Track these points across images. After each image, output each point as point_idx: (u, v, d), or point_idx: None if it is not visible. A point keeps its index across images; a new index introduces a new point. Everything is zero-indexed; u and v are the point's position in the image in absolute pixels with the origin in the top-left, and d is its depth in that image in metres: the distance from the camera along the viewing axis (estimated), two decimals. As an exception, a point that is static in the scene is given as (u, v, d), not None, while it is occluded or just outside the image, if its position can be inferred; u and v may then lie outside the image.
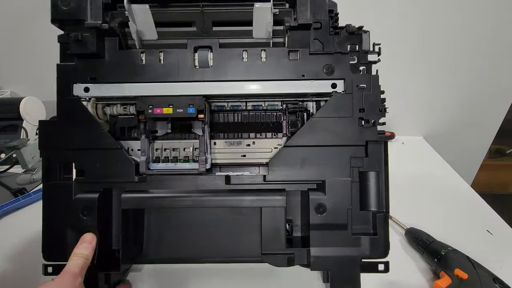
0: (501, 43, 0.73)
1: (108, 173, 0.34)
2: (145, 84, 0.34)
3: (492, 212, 0.56)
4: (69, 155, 0.34)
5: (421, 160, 0.76)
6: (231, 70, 0.34)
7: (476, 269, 0.38)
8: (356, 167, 0.34)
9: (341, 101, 0.34)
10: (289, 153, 0.34)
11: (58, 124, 0.34)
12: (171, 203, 0.35)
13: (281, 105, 0.38)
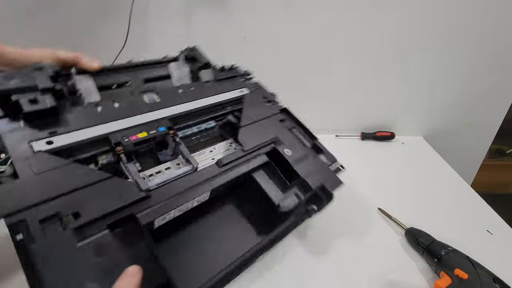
0: (501, 43, 0.73)
1: (109, 203, 0.31)
2: (109, 123, 0.36)
3: (492, 212, 0.56)
4: (51, 206, 0.28)
5: (421, 160, 0.76)
6: (174, 99, 0.44)
7: (476, 269, 0.38)
8: (284, 127, 0.50)
9: (251, 97, 0.51)
10: (246, 130, 0.45)
11: (25, 182, 0.29)
12: (186, 199, 0.35)
13: (215, 123, 0.48)
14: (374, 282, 0.42)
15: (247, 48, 0.75)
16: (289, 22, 0.72)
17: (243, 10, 0.71)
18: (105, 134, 0.35)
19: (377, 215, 0.55)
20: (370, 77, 0.79)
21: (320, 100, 0.82)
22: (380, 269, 0.44)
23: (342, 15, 0.71)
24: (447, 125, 0.85)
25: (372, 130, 0.84)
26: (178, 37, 0.75)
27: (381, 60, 0.76)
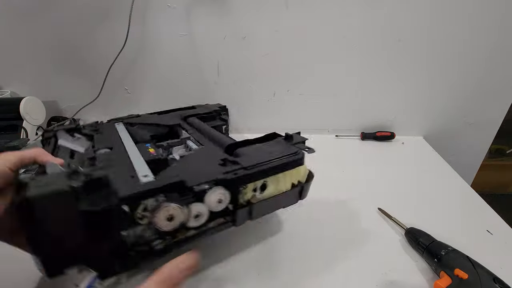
0: (501, 43, 0.73)
1: None
2: None
3: (492, 212, 0.56)
4: None
5: (421, 160, 0.76)
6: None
7: (476, 269, 0.38)
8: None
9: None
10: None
11: None
12: None
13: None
14: (374, 282, 0.42)
15: (247, 48, 0.76)
16: (289, 22, 0.72)
17: (243, 10, 0.71)
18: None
19: (377, 215, 0.55)
20: (370, 77, 0.79)
21: (320, 100, 0.82)
22: (380, 269, 0.44)
23: (342, 15, 0.71)
24: (447, 125, 0.85)
25: (372, 130, 0.84)
26: (178, 37, 0.75)
27: (381, 60, 0.76)
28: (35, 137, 0.74)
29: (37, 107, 0.76)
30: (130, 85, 0.82)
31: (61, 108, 0.86)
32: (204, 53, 0.77)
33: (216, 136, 0.53)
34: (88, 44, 0.76)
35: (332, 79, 0.79)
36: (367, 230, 0.52)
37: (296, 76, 0.79)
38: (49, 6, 0.71)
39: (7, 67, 0.79)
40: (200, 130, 0.58)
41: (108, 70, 0.75)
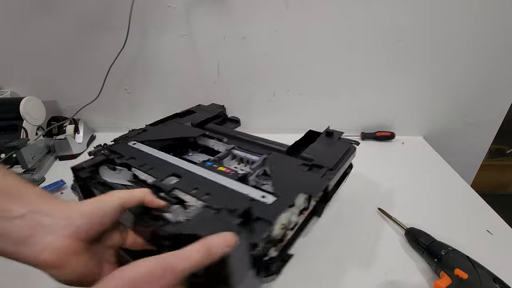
0: (501, 42, 0.73)
1: None
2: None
3: (492, 212, 0.56)
4: None
5: (421, 160, 0.76)
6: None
7: (476, 269, 0.38)
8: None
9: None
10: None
11: None
12: None
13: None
14: (374, 282, 0.42)
15: (247, 48, 0.76)
16: (289, 22, 0.72)
17: (243, 10, 0.71)
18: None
19: (377, 215, 0.55)
20: (370, 77, 0.79)
21: (320, 100, 0.82)
22: (380, 269, 0.44)
23: (342, 15, 0.71)
24: (447, 125, 0.85)
25: (372, 130, 0.84)
26: (178, 37, 0.75)
27: (381, 60, 0.76)
28: (35, 137, 0.74)
29: (37, 107, 0.76)
30: (130, 85, 0.82)
31: (61, 108, 0.86)
32: (204, 53, 0.77)
33: (257, 140, 0.56)
34: (88, 44, 0.76)
35: (332, 79, 0.79)
36: (367, 230, 0.52)
37: (296, 76, 0.79)
38: (49, 6, 0.71)
39: (7, 67, 0.79)
40: (231, 136, 0.57)
41: (108, 70, 0.75)
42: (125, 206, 0.30)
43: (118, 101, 0.84)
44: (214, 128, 0.63)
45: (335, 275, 0.44)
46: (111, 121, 0.88)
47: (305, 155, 0.49)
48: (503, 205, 0.68)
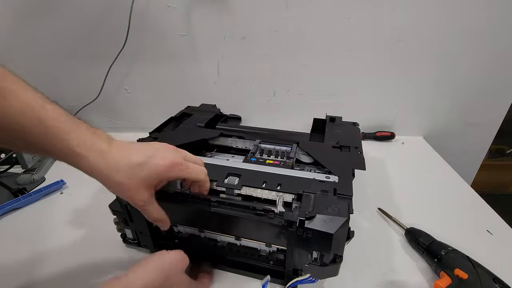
0: (501, 43, 0.73)
1: None
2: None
3: (492, 212, 0.56)
4: None
5: (421, 160, 0.76)
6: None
7: (476, 269, 0.38)
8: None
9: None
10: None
11: None
12: None
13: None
14: (374, 282, 0.42)
15: (247, 48, 0.75)
16: (289, 22, 0.72)
17: (243, 10, 0.71)
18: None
19: (377, 215, 0.55)
20: (370, 77, 0.79)
21: (320, 100, 0.82)
22: (380, 269, 0.44)
23: (342, 14, 0.71)
24: (447, 125, 0.85)
25: (372, 130, 0.84)
26: (178, 37, 0.75)
27: (381, 60, 0.76)
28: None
29: (37, 107, 0.76)
30: (130, 85, 0.82)
31: (61, 108, 0.86)
32: (204, 53, 0.77)
33: (274, 132, 0.61)
34: (88, 44, 0.76)
35: (332, 79, 0.79)
36: (367, 230, 0.52)
37: (296, 76, 0.79)
38: (49, 6, 0.71)
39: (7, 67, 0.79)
40: (248, 132, 0.59)
41: (108, 70, 0.75)
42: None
43: (118, 101, 0.84)
44: (227, 127, 0.63)
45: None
46: (111, 121, 0.88)
47: (329, 140, 0.55)
48: (503, 205, 0.68)
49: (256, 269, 0.42)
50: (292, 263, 0.39)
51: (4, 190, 0.61)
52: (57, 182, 0.62)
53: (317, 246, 0.36)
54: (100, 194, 0.61)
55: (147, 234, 0.44)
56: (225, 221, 0.39)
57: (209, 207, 0.38)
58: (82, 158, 0.32)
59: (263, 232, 0.39)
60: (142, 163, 0.33)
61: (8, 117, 0.30)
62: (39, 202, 0.59)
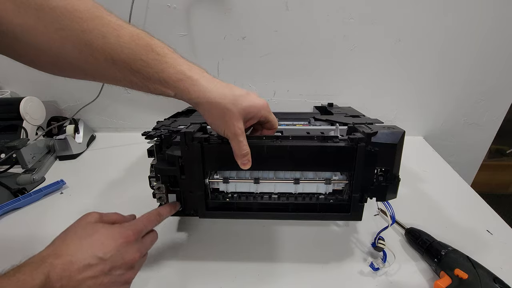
0: (501, 42, 0.73)
1: None
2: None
3: (492, 212, 0.56)
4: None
5: (421, 160, 0.76)
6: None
7: (476, 269, 0.38)
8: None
9: None
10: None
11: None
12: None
13: None
14: (374, 282, 0.42)
15: (247, 48, 0.76)
16: (289, 22, 0.72)
17: (243, 10, 0.71)
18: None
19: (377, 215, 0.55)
20: (370, 77, 0.79)
21: (320, 100, 0.82)
22: (380, 269, 0.44)
23: (342, 14, 0.71)
24: (447, 125, 0.85)
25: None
26: (178, 37, 0.75)
27: (381, 60, 0.76)
28: (35, 137, 0.74)
29: (37, 107, 0.76)
30: (130, 85, 0.82)
31: (61, 108, 0.86)
32: (204, 53, 0.77)
33: (286, 113, 0.70)
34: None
35: (332, 79, 0.79)
36: (367, 230, 0.52)
37: (296, 76, 0.79)
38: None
39: (7, 67, 0.79)
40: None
41: (108, 70, 0.75)
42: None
43: (118, 101, 0.84)
44: None
45: (335, 275, 0.44)
46: (111, 121, 0.88)
47: (338, 114, 0.62)
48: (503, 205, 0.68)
49: (318, 209, 0.43)
50: (359, 187, 0.40)
51: (4, 190, 0.61)
52: (57, 182, 0.62)
53: (382, 160, 0.40)
54: (100, 194, 0.61)
55: (201, 190, 0.41)
56: (290, 156, 0.39)
57: (278, 141, 0.39)
58: (194, 82, 0.33)
59: (328, 159, 0.40)
60: (244, 95, 0.36)
61: (120, 46, 0.31)
62: (39, 202, 0.59)
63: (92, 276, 0.30)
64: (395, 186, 0.41)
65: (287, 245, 0.48)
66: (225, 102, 0.34)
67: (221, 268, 0.44)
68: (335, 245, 0.49)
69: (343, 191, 0.44)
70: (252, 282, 0.42)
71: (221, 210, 0.44)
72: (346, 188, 0.43)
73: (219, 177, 0.43)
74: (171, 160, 0.41)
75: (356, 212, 0.42)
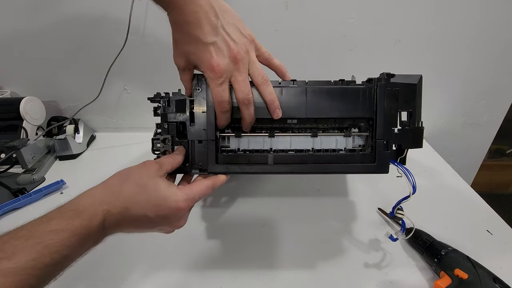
0: (501, 42, 0.73)
1: None
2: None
3: (492, 212, 0.56)
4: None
5: (421, 160, 0.76)
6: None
7: (476, 269, 0.38)
8: None
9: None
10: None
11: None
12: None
13: None
14: (374, 282, 0.42)
15: (247, 48, 0.75)
16: (289, 22, 0.72)
17: (243, 10, 0.71)
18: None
19: (377, 215, 0.55)
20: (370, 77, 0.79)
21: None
22: (380, 269, 0.44)
23: (342, 14, 0.71)
24: (447, 125, 0.85)
25: (372, 130, 0.84)
26: (178, 37, 0.74)
27: (381, 60, 0.76)
28: (35, 137, 0.74)
29: (37, 107, 0.76)
30: (130, 85, 0.82)
31: (61, 108, 0.86)
32: (204, 53, 0.77)
33: None
34: (88, 44, 0.76)
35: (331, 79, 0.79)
36: (367, 230, 0.52)
37: (296, 76, 0.79)
38: (49, 6, 0.71)
39: (7, 67, 0.79)
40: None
41: (108, 70, 0.75)
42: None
43: (118, 101, 0.84)
44: None
45: (335, 275, 0.44)
46: (111, 121, 0.88)
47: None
48: (503, 205, 0.68)
49: (340, 161, 0.40)
50: (382, 132, 0.39)
51: (4, 190, 0.61)
52: (57, 182, 0.62)
53: (404, 102, 0.40)
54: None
55: (212, 137, 0.39)
56: (308, 101, 0.39)
57: (290, 86, 0.39)
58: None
59: (348, 102, 0.39)
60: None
61: None
62: (39, 202, 0.59)
63: (136, 226, 0.33)
64: (420, 132, 0.41)
65: (287, 245, 0.48)
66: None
67: (221, 268, 0.44)
68: (335, 245, 0.49)
69: (364, 147, 0.41)
70: (252, 282, 0.42)
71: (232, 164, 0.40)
72: (367, 143, 0.41)
73: (230, 131, 0.40)
74: (180, 106, 0.39)
75: (382, 162, 0.39)
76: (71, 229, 0.27)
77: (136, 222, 0.32)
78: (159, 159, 0.36)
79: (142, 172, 0.33)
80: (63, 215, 0.28)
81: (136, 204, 0.31)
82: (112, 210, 0.30)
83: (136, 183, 0.32)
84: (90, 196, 0.31)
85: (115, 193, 0.31)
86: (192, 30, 0.34)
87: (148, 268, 0.44)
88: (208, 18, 0.34)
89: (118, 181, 0.32)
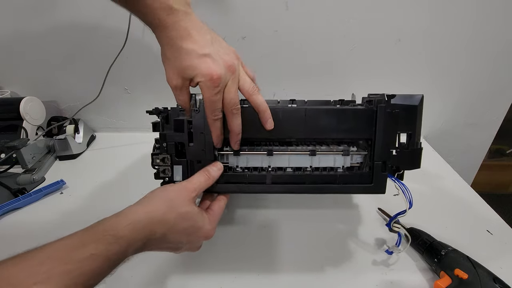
0: (501, 42, 0.73)
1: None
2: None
3: (492, 212, 0.56)
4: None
5: (422, 160, 0.76)
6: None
7: (476, 269, 0.38)
8: None
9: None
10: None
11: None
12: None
13: None
14: (374, 282, 0.42)
15: (247, 48, 0.75)
16: (289, 22, 0.72)
17: (243, 10, 0.71)
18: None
19: (377, 215, 0.55)
20: (370, 77, 0.79)
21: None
22: (380, 269, 0.44)
23: (342, 14, 0.71)
24: (447, 125, 0.85)
25: (372, 130, 0.84)
26: (178, 37, 0.74)
27: (380, 60, 0.76)
28: (35, 137, 0.74)
29: (37, 107, 0.76)
30: (130, 85, 0.82)
31: (61, 108, 0.86)
32: (204, 53, 0.77)
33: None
34: (88, 44, 0.76)
35: (332, 79, 0.79)
36: (367, 230, 0.52)
37: (296, 76, 0.79)
38: (49, 6, 0.71)
39: (7, 67, 0.79)
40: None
41: (108, 70, 0.75)
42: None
43: (118, 101, 0.84)
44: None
45: (335, 275, 0.44)
46: (111, 121, 0.88)
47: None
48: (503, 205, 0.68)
49: (338, 181, 0.40)
50: (380, 154, 0.38)
51: (4, 190, 0.61)
52: (57, 182, 0.62)
53: (404, 123, 0.40)
54: (100, 194, 0.61)
55: (211, 158, 0.39)
56: (307, 121, 0.38)
57: (288, 107, 0.38)
58: (174, 12, 0.33)
59: (347, 123, 0.39)
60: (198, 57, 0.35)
61: None
62: (39, 202, 0.59)
63: (166, 248, 0.35)
64: (418, 154, 0.41)
65: (287, 245, 0.48)
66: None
67: (221, 268, 0.44)
68: (335, 245, 0.49)
69: (362, 165, 0.41)
70: (252, 282, 0.42)
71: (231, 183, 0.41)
72: (366, 161, 0.40)
73: (228, 150, 0.41)
74: (178, 126, 0.39)
75: (379, 182, 0.39)
76: (108, 255, 0.27)
77: (167, 245, 0.34)
78: (196, 182, 0.37)
79: (181, 199, 0.34)
80: (102, 239, 0.28)
81: (175, 232, 0.33)
82: (152, 237, 0.31)
83: (177, 212, 0.33)
84: (131, 222, 0.30)
85: (157, 222, 0.32)
86: (186, 45, 0.34)
87: (148, 268, 0.44)
88: (200, 33, 0.35)
89: (161, 208, 0.32)
